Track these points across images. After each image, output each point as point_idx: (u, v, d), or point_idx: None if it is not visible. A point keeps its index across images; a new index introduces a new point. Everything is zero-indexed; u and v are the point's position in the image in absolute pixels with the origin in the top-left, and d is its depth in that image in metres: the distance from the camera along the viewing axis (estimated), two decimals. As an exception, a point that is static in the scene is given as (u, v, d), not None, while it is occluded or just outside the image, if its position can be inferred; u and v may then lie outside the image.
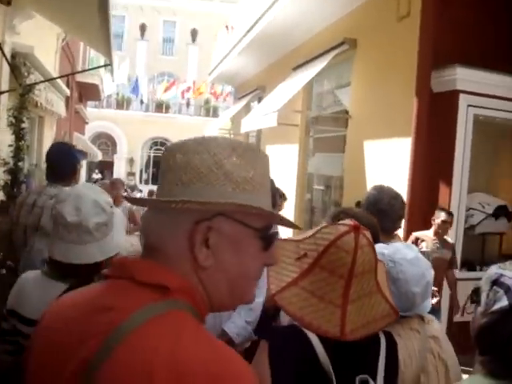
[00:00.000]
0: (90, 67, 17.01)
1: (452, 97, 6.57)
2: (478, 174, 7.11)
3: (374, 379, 1.67)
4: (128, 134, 36.06)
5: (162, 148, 38.05)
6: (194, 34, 39.97)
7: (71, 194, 2.17)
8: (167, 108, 38.00)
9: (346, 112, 9.19)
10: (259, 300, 2.97)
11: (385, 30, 7.48)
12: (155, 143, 38.65)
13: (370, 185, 7.66)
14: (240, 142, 1.14)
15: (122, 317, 0.98)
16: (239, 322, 3.00)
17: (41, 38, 10.38)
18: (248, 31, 11.86)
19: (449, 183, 6.62)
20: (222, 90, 34.94)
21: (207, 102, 38.58)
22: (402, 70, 6.92)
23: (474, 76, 6.49)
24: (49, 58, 11.36)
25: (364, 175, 7.93)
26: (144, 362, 0.92)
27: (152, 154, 38.71)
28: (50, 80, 8.73)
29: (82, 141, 20.74)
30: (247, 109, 15.67)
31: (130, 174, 36.44)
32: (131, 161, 36.95)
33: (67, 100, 14.25)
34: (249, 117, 11.56)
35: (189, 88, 34.66)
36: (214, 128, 17.72)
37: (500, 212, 7.12)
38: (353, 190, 8.10)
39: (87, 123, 26.11)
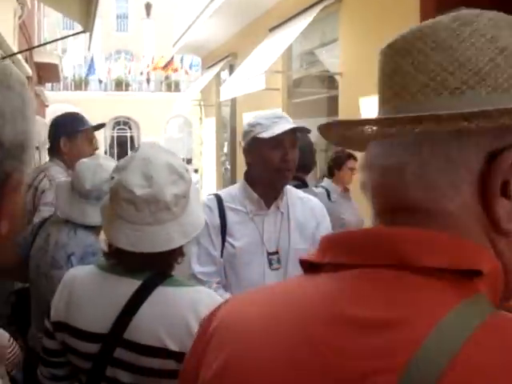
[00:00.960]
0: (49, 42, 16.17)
1: (459, 42, 6.15)
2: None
3: None
4: (89, 116, 34.02)
5: (125, 127, 37.23)
6: (148, 7, 38.82)
7: (135, 157, 1.62)
8: (127, 86, 36.96)
9: (327, 71, 8.73)
10: None
11: (377, -23, 6.99)
12: (117, 123, 37.57)
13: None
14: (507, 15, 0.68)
15: (413, 337, 0.54)
16: None
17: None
18: (217, -6, 11.23)
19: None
20: (181, 63, 34.33)
21: (167, 77, 37.69)
22: (402, 16, 6.46)
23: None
24: (8, 35, 10.60)
25: (362, 136, 7.48)
26: None
27: (115, 134, 37.66)
28: (16, 54, 8.04)
29: (45, 125, 19.79)
30: (217, 78, 15.10)
31: (94, 156, 35.39)
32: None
33: (28, 81, 13.51)
34: (228, 84, 11.02)
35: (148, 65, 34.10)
36: (186, 100, 17.08)
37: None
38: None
39: (47, 106, 25.12)
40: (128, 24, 40.05)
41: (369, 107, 7.38)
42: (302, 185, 3.07)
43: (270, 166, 2.35)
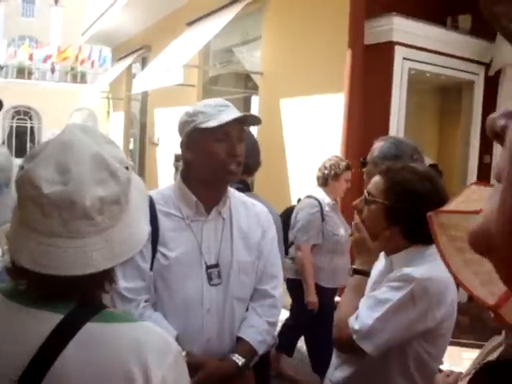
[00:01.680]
0: None
1: (387, 49, 6.03)
2: (410, 131, 6.70)
3: None
4: (-14, 103, 32.99)
5: (25, 117, 35.46)
6: (56, -6, 37.30)
7: (51, 141, 1.17)
8: (30, 74, 35.18)
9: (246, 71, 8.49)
10: (279, 292, 2.19)
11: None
12: (18, 112, 35.70)
13: (291, 149, 7.06)
14: None
15: None
16: (260, 324, 2.10)
17: None
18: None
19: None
20: (89, 55, 33.24)
21: (73, 67, 36.22)
22: (331, 19, 6.28)
23: (410, 27, 5.98)
24: None
25: (282, 139, 7.25)
26: None
27: (15, 124, 35.73)
28: None
29: None
30: (128, 71, 14.52)
31: (-9, 146, 33.42)
32: (-9, 132, 33.97)
33: None
34: (141, 77, 10.49)
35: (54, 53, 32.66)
36: (94, 92, 16.33)
37: (431, 172, 6.79)
38: (270, 157, 7.43)
39: None
40: (34, 9, 38.38)
41: (289, 108, 7.16)
42: (244, 188, 2.71)
43: (214, 161, 1.98)
